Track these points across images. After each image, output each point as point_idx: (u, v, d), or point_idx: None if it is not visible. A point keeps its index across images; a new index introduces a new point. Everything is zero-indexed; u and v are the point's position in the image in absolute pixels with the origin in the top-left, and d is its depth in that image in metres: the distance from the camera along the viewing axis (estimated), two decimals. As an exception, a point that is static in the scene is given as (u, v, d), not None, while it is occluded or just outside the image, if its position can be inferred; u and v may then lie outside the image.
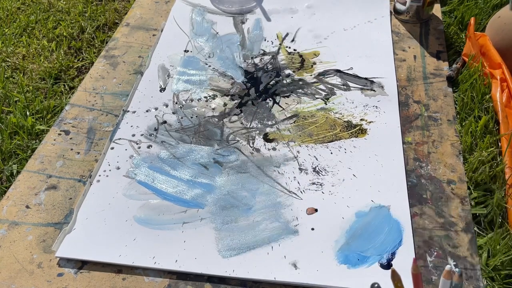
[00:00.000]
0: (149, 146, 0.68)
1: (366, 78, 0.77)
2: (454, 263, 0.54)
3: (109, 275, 0.55)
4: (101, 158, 0.66)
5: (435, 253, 0.55)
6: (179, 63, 0.81)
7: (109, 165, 0.66)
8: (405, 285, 0.43)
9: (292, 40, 0.85)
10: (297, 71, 0.79)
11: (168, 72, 0.80)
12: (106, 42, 0.89)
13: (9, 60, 0.87)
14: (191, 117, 0.72)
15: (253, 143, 0.68)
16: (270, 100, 0.75)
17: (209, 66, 0.81)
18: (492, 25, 0.79)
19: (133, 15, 0.92)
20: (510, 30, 0.75)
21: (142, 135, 0.70)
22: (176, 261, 0.55)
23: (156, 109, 0.74)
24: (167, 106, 0.74)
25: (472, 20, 0.81)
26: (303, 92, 0.76)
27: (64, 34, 0.92)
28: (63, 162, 0.67)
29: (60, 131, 0.71)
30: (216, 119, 0.72)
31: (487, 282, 0.53)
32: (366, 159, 0.65)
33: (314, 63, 0.80)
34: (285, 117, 0.72)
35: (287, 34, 0.86)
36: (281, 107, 0.73)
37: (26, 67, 0.85)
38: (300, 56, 0.82)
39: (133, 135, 0.70)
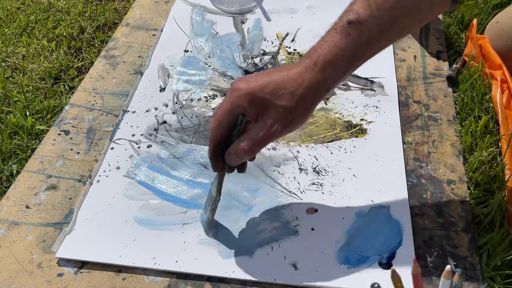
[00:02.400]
0: (149, 146, 0.68)
1: (366, 78, 0.77)
2: (454, 263, 0.54)
3: (109, 275, 0.55)
4: (101, 158, 0.66)
5: (435, 253, 0.55)
6: (179, 63, 0.81)
7: (109, 165, 0.66)
8: (405, 285, 0.43)
9: (292, 40, 0.85)
10: (297, 71, 0.79)
11: (168, 72, 0.80)
12: (106, 42, 0.89)
13: (9, 60, 0.87)
14: (191, 117, 0.72)
15: (253, 143, 0.68)
16: (270, 100, 0.74)
17: (209, 66, 0.81)
18: (490, 30, 0.79)
19: (133, 15, 0.92)
20: (509, 35, 0.74)
21: (142, 135, 0.70)
22: (176, 261, 0.55)
23: (156, 109, 0.74)
24: (167, 106, 0.74)
25: (474, 21, 0.81)
26: (303, 92, 0.75)
27: (64, 34, 0.92)
28: (63, 162, 0.67)
29: (60, 131, 0.71)
30: (216, 119, 0.72)
31: (487, 282, 0.53)
32: (366, 159, 0.65)
33: (314, 63, 0.80)
34: (285, 117, 0.72)
35: (287, 34, 0.86)
36: (281, 107, 0.73)
37: (26, 67, 0.85)
38: (300, 56, 0.82)
39: (133, 135, 0.70)
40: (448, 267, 0.43)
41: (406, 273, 0.44)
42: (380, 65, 0.79)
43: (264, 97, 0.47)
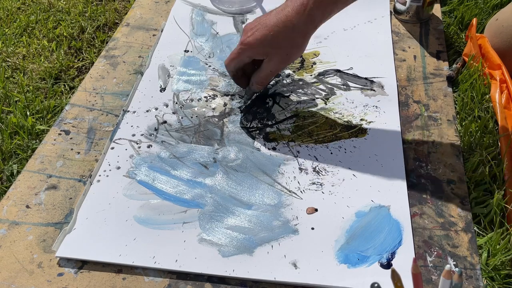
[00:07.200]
0: (149, 146, 0.68)
1: (366, 78, 0.77)
2: (454, 263, 0.54)
3: (109, 275, 0.55)
4: (101, 158, 0.66)
5: (435, 253, 0.55)
6: (179, 63, 0.81)
7: (109, 165, 0.66)
8: (405, 285, 0.43)
9: (292, 40, 0.85)
10: (297, 71, 0.79)
11: (168, 72, 0.80)
12: (106, 42, 0.89)
13: (9, 60, 0.87)
14: (191, 117, 0.72)
15: (253, 143, 0.68)
16: (270, 100, 0.75)
17: (209, 66, 0.81)
18: (490, 28, 0.79)
19: (133, 15, 0.92)
20: (508, 32, 0.75)
21: (142, 135, 0.70)
22: (176, 260, 0.55)
23: (156, 109, 0.74)
24: (167, 106, 0.74)
25: (474, 21, 0.81)
26: (303, 92, 0.76)
27: (64, 34, 0.92)
28: (63, 162, 0.67)
29: (60, 131, 0.71)
30: (216, 119, 0.72)
31: (487, 282, 0.53)
32: (366, 159, 0.65)
33: (314, 63, 0.80)
34: (285, 117, 0.72)
35: (287, 34, 0.86)
36: (281, 107, 0.73)
37: (26, 67, 0.85)
38: (300, 56, 0.82)
39: (133, 135, 0.70)
40: (447, 266, 0.43)
41: (406, 273, 0.44)
42: (380, 65, 0.79)
43: (265, 50, 0.65)
